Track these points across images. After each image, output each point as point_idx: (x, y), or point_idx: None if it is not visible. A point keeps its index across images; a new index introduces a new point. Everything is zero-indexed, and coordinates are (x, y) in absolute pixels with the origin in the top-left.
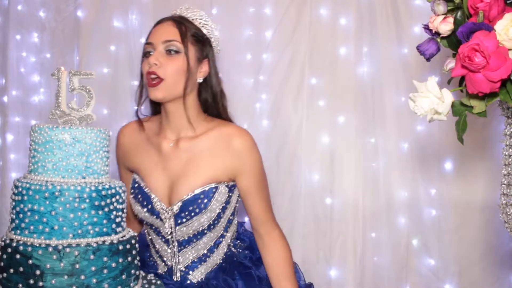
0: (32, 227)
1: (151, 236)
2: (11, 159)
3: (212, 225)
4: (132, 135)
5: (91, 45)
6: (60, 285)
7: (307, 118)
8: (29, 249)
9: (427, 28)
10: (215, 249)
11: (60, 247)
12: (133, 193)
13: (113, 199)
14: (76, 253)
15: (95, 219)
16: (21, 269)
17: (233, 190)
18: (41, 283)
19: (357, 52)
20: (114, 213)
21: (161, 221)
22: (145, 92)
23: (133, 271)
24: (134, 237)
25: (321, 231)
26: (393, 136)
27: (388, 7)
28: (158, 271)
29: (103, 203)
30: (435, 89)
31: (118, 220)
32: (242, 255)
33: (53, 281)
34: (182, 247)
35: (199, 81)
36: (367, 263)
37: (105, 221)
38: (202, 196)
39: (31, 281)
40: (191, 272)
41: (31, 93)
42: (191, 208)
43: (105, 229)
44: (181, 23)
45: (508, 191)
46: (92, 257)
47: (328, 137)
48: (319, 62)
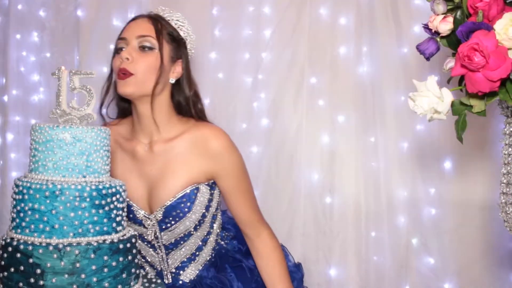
0: (32, 226)
1: None
2: (11, 158)
3: (198, 225)
4: None
5: (91, 44)
6: (60, 284)
7: (306, 117)
8: (30, 248)
9: (426, 27)
10: (203, 247)
11: (60, 246)
12: None
13: (114, 198)
14: (77, 252)
15: (95, 218)
16: (21, 268)
17: (214, 187)
18: (41, 282)
19: (357, 51)
20: (115, 212)
21: (145, 227)
22: (112, 92)
23: (133, 270)
24: (135, 236)
25: (321, 231)
26: (392, 136)
27: (388, 6)
28: None
29: (103, 202)
30: (435, 89)
31: (118, 219)
32: (230, 246)
33: (53, 280)
34: (170, 250)
35: (171, 81)
36: (367, 263)
37: (105, 220)
38: (184, 199)
39: (32, 280)
40: (182, 272)
41: (31, 92)
42: (174, 213)
43: (105, 228)
44: (157, 20)
45: (508, 190)
46: (92, 256)
47: (328, 136)
48: (318, 62)
